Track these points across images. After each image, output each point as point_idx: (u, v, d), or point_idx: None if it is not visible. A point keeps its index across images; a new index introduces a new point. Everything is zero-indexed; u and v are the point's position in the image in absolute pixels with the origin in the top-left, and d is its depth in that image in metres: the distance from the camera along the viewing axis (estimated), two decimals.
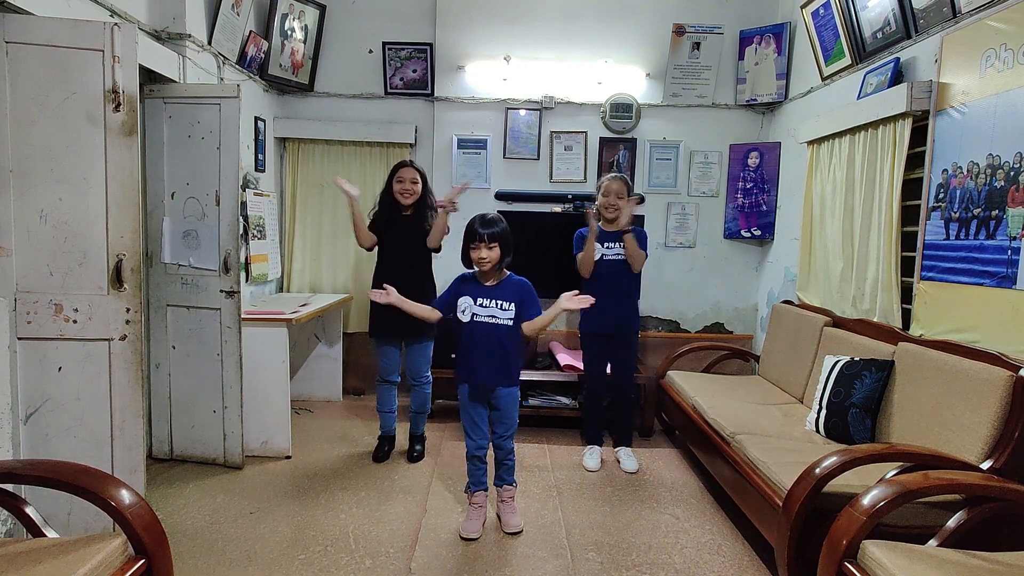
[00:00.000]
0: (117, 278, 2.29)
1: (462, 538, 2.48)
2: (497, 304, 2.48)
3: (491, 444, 2.61)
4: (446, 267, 3.36)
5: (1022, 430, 1.94)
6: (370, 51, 4.26)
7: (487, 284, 2.52)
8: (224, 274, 3.00)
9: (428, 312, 2.55)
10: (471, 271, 2.57)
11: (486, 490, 2.64)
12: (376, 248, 3.22)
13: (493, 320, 2.48)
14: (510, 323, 2.48)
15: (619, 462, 3.29)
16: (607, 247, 3.21)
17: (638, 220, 4.16)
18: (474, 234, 2.44)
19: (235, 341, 3.01)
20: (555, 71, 4.20)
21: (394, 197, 3.14)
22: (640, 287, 3.32)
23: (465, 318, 2.50)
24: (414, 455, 3.28)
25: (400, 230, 3.15)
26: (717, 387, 3.36)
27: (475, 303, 2.49)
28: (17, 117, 2.18)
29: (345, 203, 3.20)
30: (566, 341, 4.32)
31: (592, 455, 3.29)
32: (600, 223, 3.23)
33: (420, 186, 3.15)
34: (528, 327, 2.49)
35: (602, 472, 3.20)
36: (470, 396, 2.55)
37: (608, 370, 3.33)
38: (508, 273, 2.56)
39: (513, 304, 2.48)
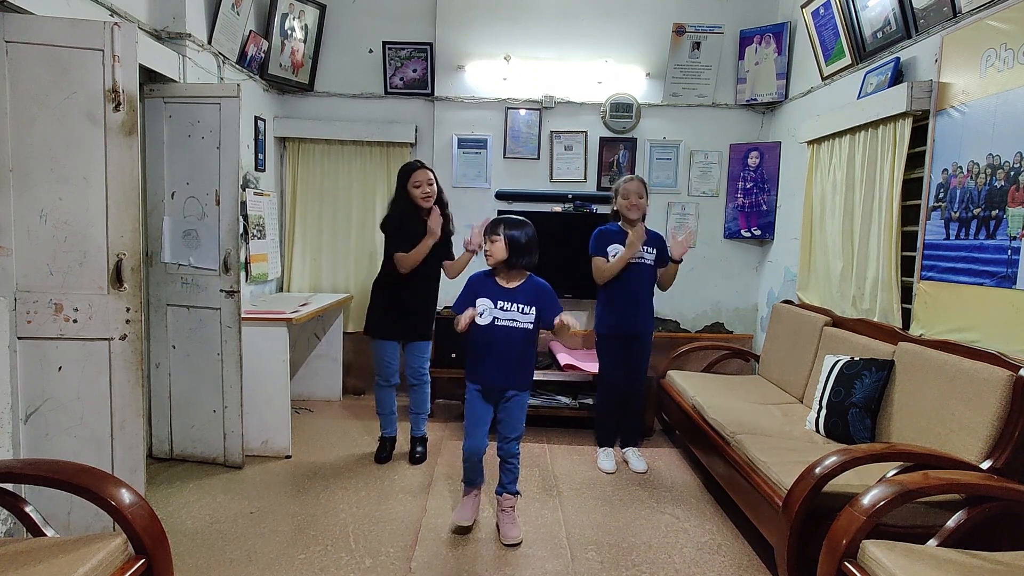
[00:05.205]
0: (117, 278, 2.29)
1: (458, 526, 2.50)
2: (518, 308, 2.45)
3: (492, 447, 2.58)
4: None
5: (1022, 430, 1.94)
6: (370, 51, 4.26)
7: (507, 286, 2.48)
8: (224, 274, 3.00)
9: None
10: (483, 270, 2.56)
11: (481, 485, 2.62)
12: (390, 252, 3.11)
13: (514, 324, 2.45)
14: (530, 327, 2.47)
15: (627, 463, 3.28)
16: None
17: None
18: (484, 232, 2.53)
19: (235, 341, 3.01)
20: (555, 71, 4.20)
21: (415, 203, 3.02)
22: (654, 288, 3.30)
23: (484, 321, 2.44)
24: (416, 456, 3.26)
25: (417, 237, 3.03)
26: (717, 387, 3.36)
27: (495, 306, 2.45)
28: (17, 116, 2.18)
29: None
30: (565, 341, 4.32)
31: (608, 457, 3.26)
32: (621, 224, 3.20)
33: (436, 186, 3.07)
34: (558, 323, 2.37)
35: (601, 472, 3.19)
36: (479, 395, 2.52)
37: None
38: (528, 275, 2.53)
39: (534, 308, 2.46)
